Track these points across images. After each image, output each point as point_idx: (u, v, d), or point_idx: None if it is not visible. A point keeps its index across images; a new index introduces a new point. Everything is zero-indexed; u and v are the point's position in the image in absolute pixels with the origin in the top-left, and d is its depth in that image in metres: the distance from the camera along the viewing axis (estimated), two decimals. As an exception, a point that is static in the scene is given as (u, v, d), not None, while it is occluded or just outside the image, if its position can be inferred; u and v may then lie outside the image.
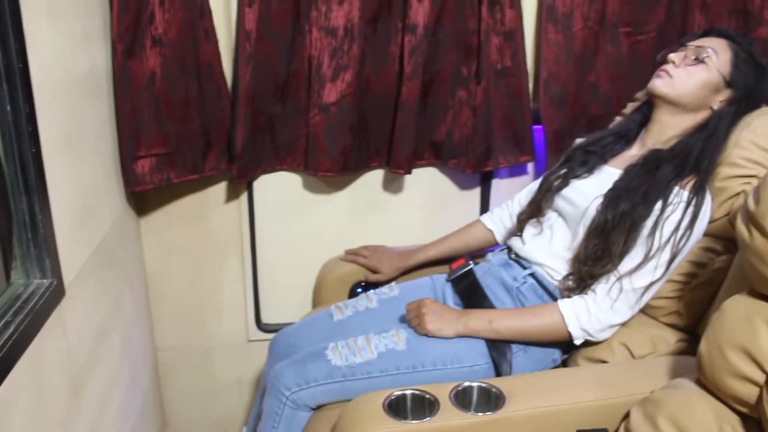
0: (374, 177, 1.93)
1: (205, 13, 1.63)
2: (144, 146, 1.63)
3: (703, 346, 1.10)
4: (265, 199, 1.90)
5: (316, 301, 1.92)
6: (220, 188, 1.86)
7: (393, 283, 1.69)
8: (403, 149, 1.80)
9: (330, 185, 1.91)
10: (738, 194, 1.41)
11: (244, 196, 1.88)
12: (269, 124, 1.79)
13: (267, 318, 2.02)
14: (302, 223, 1.94)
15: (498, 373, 1.40)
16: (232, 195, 1.87)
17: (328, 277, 1.86)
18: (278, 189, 1.89)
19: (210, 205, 1.87)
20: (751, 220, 0.99)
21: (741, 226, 1.03)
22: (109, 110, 1.55)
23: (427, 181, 1.95)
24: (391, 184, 1.94)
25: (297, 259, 1.96)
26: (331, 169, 1.80)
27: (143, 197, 1.80)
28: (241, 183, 1.82)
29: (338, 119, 1.75)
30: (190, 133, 1.69)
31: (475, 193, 2.00)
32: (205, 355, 2.03)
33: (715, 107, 1.46)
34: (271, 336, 1.71)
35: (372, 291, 1.66)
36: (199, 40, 1.64)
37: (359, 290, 1.80)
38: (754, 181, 1.37)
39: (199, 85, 1.68)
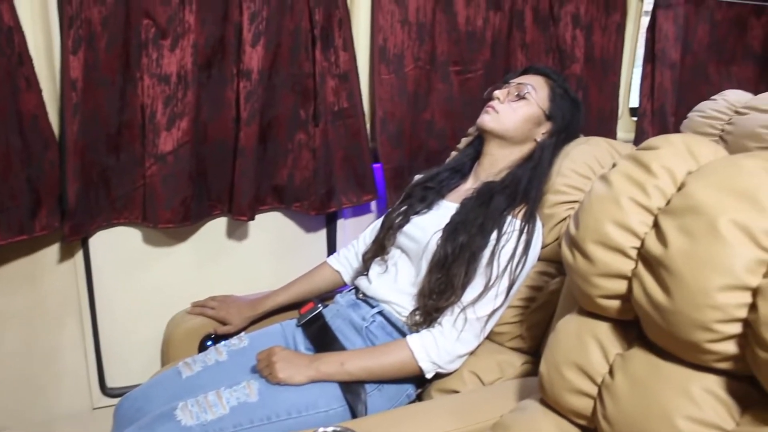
0: (217, 225, 1.89)
1: (25, 60, 1.53)
2: (-40, 207, 1.50)
3: (542, 367, 1.14)
4: (102, 256, 1.80)
5: (165, 358, 1.82)
6: (52, 247, 1.73)
7: (242, 333, 1.64)
8: (244, 195, 1.77)
9: (172, 237, 1.85)
10: (565, 219, 1.50)
11: (80, 255, 1.77)
12: (103, 177, 1.71)
13: (112, 382, 1.90)
14: (145, 278, 1.86)
15: (354, 415, 1.39)
16: (65, 254, 1.75)
17: (175, 332, 1.77)
18: (116, 244, 1.80)
19: (41, 266, 1.73)
20: (573, 243, 1.05)
21: (565, 249, 1.09)
22: None
23: (272, 226, 1.93)
24: (236, 232, 1.91)
25: (141, 316, 1.86)
26: (171, 221, 1.74)
27: (-36, 262, 1.65)
28: (74, 241, 1.71)
29: (176, 168, 1.70)
30: (15, 190, 1.57)
31: (321, 235, 2.01)
32: (44, 430, 1.87)
33: (539, 139, 1.56)
34: (118, 401, 1.60)
35: (222, 343, 1.61)
36: (19, 89, 1.53)
37: (209, 343, 1.72)
38: (578, 206, 1.46)
39: (22, 137, 1.56)
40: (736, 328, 0.85)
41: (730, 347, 0.86)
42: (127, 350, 1.88)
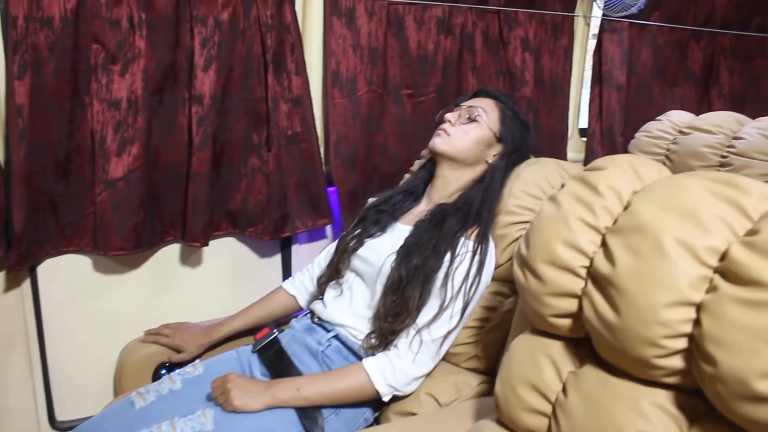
0: (171, 252, 1.86)
1: (-33, 86, 1.51)
2: None
3: (498, 386, 1.15)
4: (51, 285, 1.75)
5: (118, 388, 1.78)
6: (-5, 276, 1.69)
7: (197, 361, 1.61)
8: (197, 221, 1.75)
9: (124, 264, 1.81)
10: (517, 239, 1.52)
11: (27, 283, 1.72)
12: (51, 204, 1.67)
13: (62, 415, 1.84)
14: (96, 307, 1.81)
15: (311, 440, 1.38)
16: (12, 283, 1.70)
17: (128, 361, 1.74)
18: (66, 272, 1.76)
19: (-16, 297, 1.69)
20: (524, 263, 1.07)
21: (517, 269, 1.10)
22: None
23: (226, 252, 1.92)
24: (189, 258, 1.88)
25: (93, 345, 1.81)
26: (122, 248, 1.71)
27: None
28: (20, 270, 1.66)
29: (127, 194, 1.68)
30: (-44, 220, 1.53)
31: (276, 260, 1.99)
32: (-12, 469, 1.81)
33: (490, 161, 1.58)
34: (68, 435, 1.56)
35: (176, 371, 1.58)
36: (-40, 115, 1.51)
37: (163, 372, 1.70)
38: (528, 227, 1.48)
39: (-36, 165, 1.54)
40: (682, 343, 0.87)
41: (677, 362, 0.88)
42: (77, 381, 1.83)
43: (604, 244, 0.97)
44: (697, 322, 0.84)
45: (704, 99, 2.84)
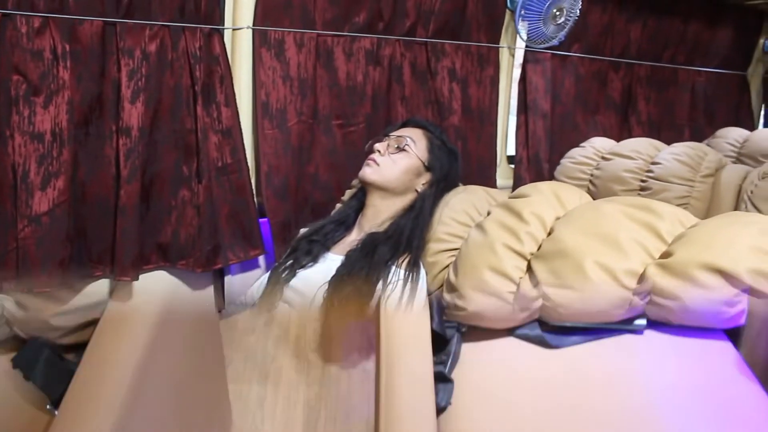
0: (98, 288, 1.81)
1: None
2: None
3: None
4: (-31, 326, 1.68)
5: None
6: None
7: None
8: (127, 255, 1.71)
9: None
10: (447, 266, 1.54)
11: (-60, 327, 1.65)
12: (-30, 242, 1.61)
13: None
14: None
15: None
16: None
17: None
18: (-14, 312, 1.69)
19: None
20: (454, 290, 1.09)
21: (447, 296, 1.12)
22: None
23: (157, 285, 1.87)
24: (119, 293, 1.83)
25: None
26: (48, 285, 1.66)
27: None
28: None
29: (52, 230, 1.63)
30: None
31: (209, 292, 1.96)
32: None
33: (419, 189, 1.61)
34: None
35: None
36: None
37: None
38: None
39: None
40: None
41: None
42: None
43: (529, 269, 1.00)
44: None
45: (624, 126, 2.96)
